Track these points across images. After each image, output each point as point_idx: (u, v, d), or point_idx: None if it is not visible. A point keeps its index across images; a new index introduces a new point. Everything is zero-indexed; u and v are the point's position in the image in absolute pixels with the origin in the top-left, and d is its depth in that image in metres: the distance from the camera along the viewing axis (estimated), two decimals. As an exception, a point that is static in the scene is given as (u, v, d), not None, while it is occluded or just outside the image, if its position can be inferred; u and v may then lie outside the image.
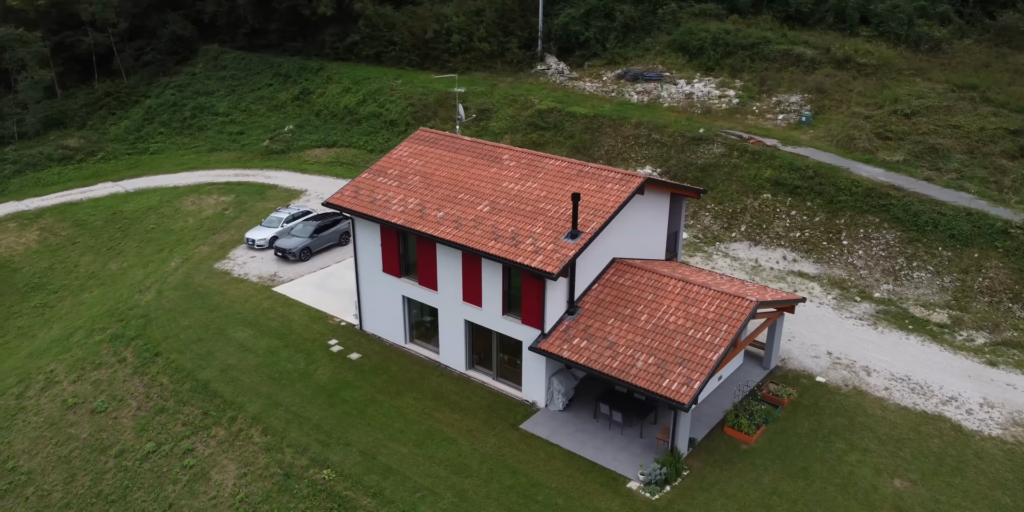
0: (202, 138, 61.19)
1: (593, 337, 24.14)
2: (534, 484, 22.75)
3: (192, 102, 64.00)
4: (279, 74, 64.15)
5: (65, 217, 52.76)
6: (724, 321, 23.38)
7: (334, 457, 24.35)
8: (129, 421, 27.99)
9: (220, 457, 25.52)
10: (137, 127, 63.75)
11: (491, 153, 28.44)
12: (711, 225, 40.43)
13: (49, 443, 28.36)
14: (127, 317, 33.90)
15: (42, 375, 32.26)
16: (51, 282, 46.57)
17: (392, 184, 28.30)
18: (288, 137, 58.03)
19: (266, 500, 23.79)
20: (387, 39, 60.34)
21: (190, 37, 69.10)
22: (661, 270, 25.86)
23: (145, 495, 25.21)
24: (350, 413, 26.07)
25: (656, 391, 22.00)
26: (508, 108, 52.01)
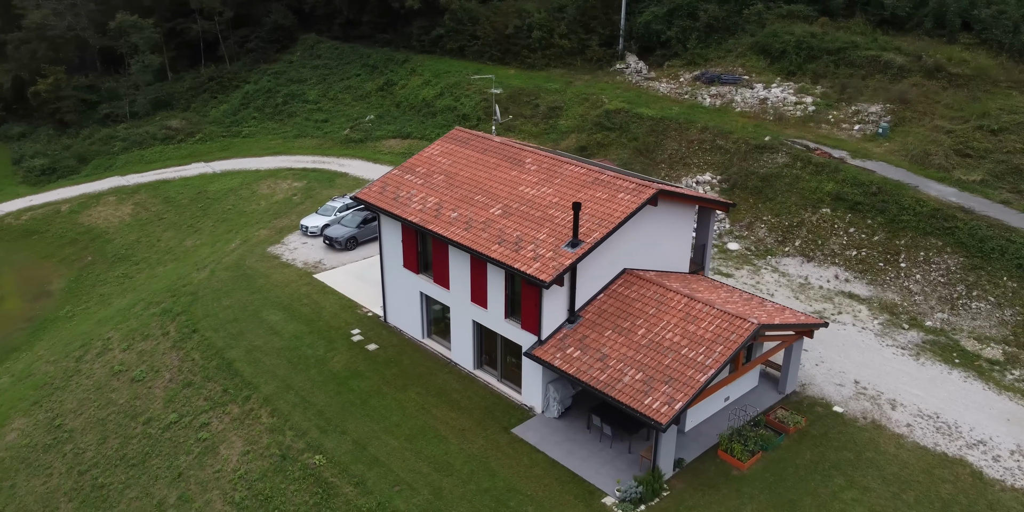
0: (290, 124, 63.89)
1: (587, 348, 23.93)
2: (510, 489, 22.87)
3: (285, 89, 66.87)
4: (367, 65, 66.09)
5: (158, 194, 56.52)
6: (720, 342, 22.66)
7: (328, 444, 25.27)
8: (160, 391, 29.95)
9: (230, 433, 26.96)
10: (234, 111, 67.27)
11: (516, 156, 28.50)
12: (765, 238, 38.97)
13: (92, 405, 30.74)
14: (179, 293, 36.14)
15: (101, 341, 34.91)
16: (135, 254, 50.11)
17: (417, 182, 28.86)
18: (367, 127, 59.78)
19: (262, 478, 24.99)
20: (470, 33, 61.04)
21: (291, 26, 72.10)
22: (669, 284, 25.27)
23: (161, 462, 26.97)
24: (353, 402, 26.93)
25: (636, 408, 21.63)
26: (579, 107, 51.68)
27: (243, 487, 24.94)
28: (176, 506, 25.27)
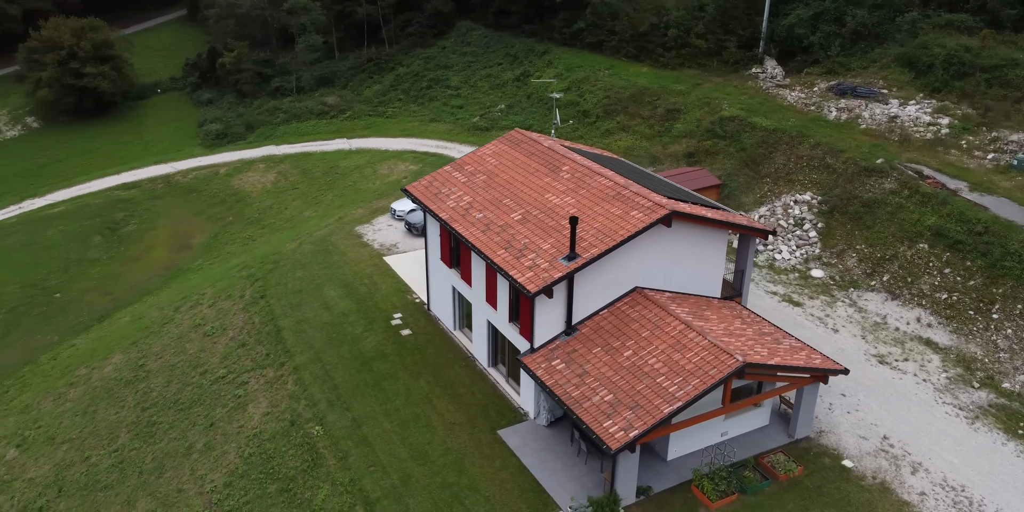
0: (429, 108, 66.81)
1: (573, 362, 23.93)
2: (471, 487, 23.55)
3: (432, 74, 69.86)
4: (510, 54, 67.49)
5: (298, 165, 61.51)
6: (699, 375, 21.86)
7: (331, 417, 27.15)
8: (221, 347, 33.32)
9: (260, 394, 29.62)
10: (384, 92, 71.32)
11: (556, 162, 28.62)
12: (853, 268, 36.25)
13: (170, 351, 34.77)
14: (267, 261, 39.63)
15: (197, 296, 39.17)
16: (265, 219, 55.09)
17: (460, 180, 29.79)
18: (496, 116, 61.29)
19: (271, 439, 27.37)
20: (609, 28, 60.60)
21: (449, 13, 74.93)
22: (673, 308, 24.56)
23: (201, 411, 30.18)
24: (367, 383, 28.62)
25: (594, 429, 21.49)
26: (697, 111, 50.08)
27: (254, 444, 27.46)
28: (200, 451, 28.29)
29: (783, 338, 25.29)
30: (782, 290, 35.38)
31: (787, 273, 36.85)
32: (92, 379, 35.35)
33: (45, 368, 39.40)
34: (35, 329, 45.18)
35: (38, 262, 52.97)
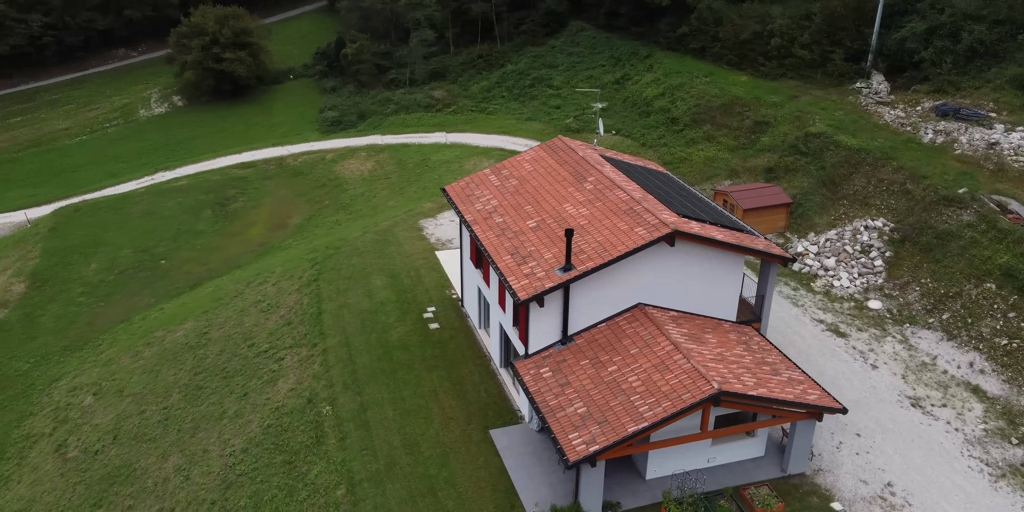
0: (529, 107, 67.78)
1: (559, 371, 24.30)
2: (448, 481, 24.47)
3: (536, 72, 70.78)
4: (613, 56, 67.32)
5: (395, 156, 64.23)
6: (671, 398, 21.72)
7: (342, 399, 28.80)
8: (271, 324, 35.84)
9: (290, 371, 31.76)
10: (489, 88, 72.95)
11: (584, 173, 28.85)
12: (914, 303, 34.20)
13: (230, 323, 37.73)
14: (332, 246, 42.00)
15: (267, 274, 42.13)
16: (355, 205, 58.04)
17: (494, 183, 30.58)
18: (590, 118, 61.43)
19: (288, 414, 29.38)
20: (712, 34, 59.25)
21: (562, 12, 75.48)
22: (669, 328, 24.37)
23: (240, 381, 32.73)
24: (384, 370, 30.08)
25: (559, 439, 21.85)
26: (786, 125, 48.34)
27: (274, 417, 29.57)
28: (230, 418, 30.76)
29: (784, 370, 24.52)
30: (831, 319, 33.92)
31: (842, 301, 35.23)
32: (164, 341, 38.90)
33: (134, 327, 43.61)
34: (137, 291, 49.88)
35: (153, 230, 58.26)
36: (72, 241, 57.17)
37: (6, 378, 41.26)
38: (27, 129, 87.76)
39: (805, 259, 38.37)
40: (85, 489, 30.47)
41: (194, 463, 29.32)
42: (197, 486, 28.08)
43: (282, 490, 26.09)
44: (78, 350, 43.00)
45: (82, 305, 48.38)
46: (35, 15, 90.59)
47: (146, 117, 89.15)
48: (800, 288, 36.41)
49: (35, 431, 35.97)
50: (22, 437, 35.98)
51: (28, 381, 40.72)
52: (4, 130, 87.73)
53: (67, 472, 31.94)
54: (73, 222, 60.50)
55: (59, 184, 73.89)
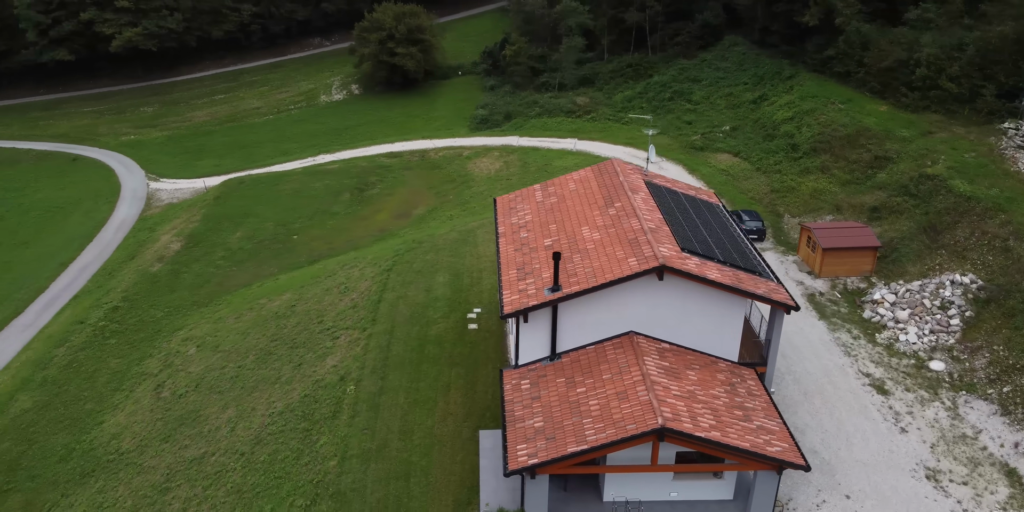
0: (664, 120, 67.59)
1: (536, 385, 25.61)
2: (423, 470, 26.61)
3: (678, 86, 70.35)
4: (757, 74, 65.55)
5: (522, 158, 66.74)
6: (617, 426, 22.46)
7: (365, 382, 31.73)
8: (341, 305, 39.60)
9: (338, 350, 35.21)
10: (630, 98, 73.45)
11: (615, 198, 29.61)
12: (979, 369, 31.80)
13: (313, 300, 42.01)
14: (418, 240, 45.20)
15: (360, 259, 46.17)
16: (471, 202, 61.19)
17: (537, 199, 32.07)
18: (717, 137, 60.57)
19: (322, 388, 32.78)
20: (857, 59, 56.25)
21: (718, 25, 74.20)
22: (648, 359, 24.87)
23: (300, 352, 36.70)
24: (411, 361, 32.67)
25: (508, 448, 23.30)
26: (908, 162, 45.52)
27: (311, 389, 33.12)
28: (281, 384, 34.74)
29: (760, 418, 24.26)
30: (879, 374, 32.29)
31: (901, 357, 33.33)
32: (263, 309, 43.97)
33: (250, 292, 49.34)
34: (266, 260, 56.00)
35: (296, 207, 64.75)
36: (228, 210, 64.92)
37: (143, 323, 48.31)
38: (227, 106, 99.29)
39: (879, 308, 36.43)
40: (162, 426, 35.71)
41: (242, 418, 33.54)
42: (237, 438, 32.21)
43: (293, 453, 29.47)
44: (203, 306, 49.35)
45: (219, 267, 55.16)
46: (246, 5, 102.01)
47: (326, 102, 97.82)
48: (861, 337, 34.76)
49: (147, 370, 42.17)
50: (137, 374, 42.31)
51: (157, 327, 47.46)
52: (209, 106, 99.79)
53: (155, 409, 37.47)
54: (234, 193, 68.55)
55: (240, 157, 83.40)
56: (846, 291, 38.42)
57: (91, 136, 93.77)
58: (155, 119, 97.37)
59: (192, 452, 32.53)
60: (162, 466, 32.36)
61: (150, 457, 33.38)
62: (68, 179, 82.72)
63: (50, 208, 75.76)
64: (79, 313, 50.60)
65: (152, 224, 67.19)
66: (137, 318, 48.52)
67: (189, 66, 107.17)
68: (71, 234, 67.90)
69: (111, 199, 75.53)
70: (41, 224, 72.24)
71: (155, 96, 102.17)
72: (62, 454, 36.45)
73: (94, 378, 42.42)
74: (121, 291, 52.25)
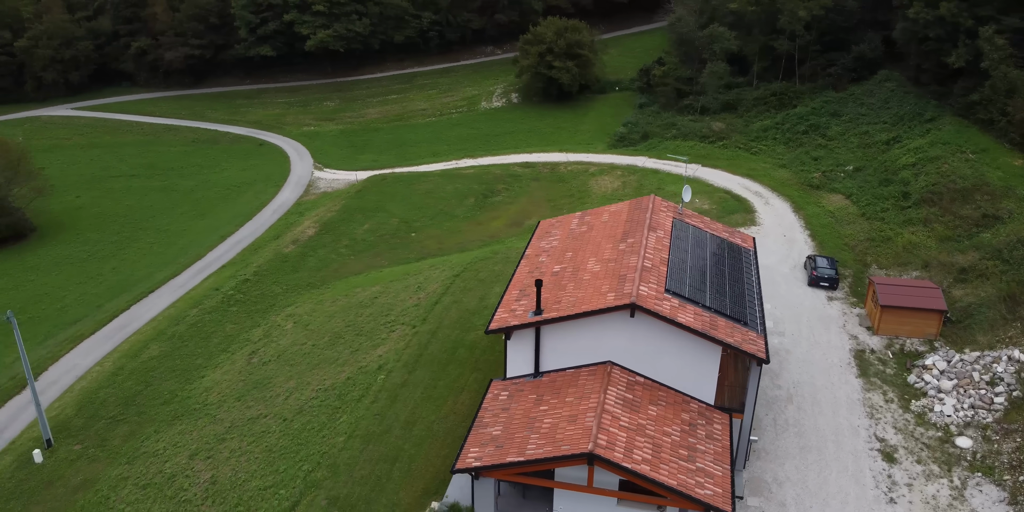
0: (793, 153, 66.26)
1: (511, 398, 28.03)
2: (409, 458, 29.89)
3: (815, 119, 68.48)
4: (897, 114, 62.66)
5: (641, 180, 68.11)
6: (553, 446, 24.48)
7: (396, 373, 35.46)
8: (408, 302, 43.70)
9: (389, 342, 39.28)
10: (766, 128, 72.35)
11: (633, 234, 31.16)
12: (1006, 453, 30.26)
13: (392, 294, 46.47)
14: (497, 250, 48.41)
15: (443, 262, 50.17)
16: (579, 218, 63.45)
17: (571, 226, 34.21)
18: (837, 177, 58.82)
19: (362, 373, 36.95)
20: (1000, 107, 52.52)
21: (874, 59, 71.14)
22: (613, 390, 26.50)
23: (361, 340, 41.16)
24: (441, 361, 36.02)
25: (462, 449, 26.01)
26: (1018, 224, 42.59)
27: (355, 373, 37.40)
28: (336, 365, 39.36)
29: (705, 461, 25.21)
30: (895, 441, 31.48)
31: (929, 428, 32.21)
32: (354, 297, 49.20)
33: (355, 280, 54.94)
34: (382, 254, 61.62)
35: (423, 206, 70.26)
36: (364, 203, 71.63)
37: (263, 296, 55.30)
38: (396, 106, 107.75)
39: (925, 374, 35.06)
40: (240, 387, 41.58)
41: (297, 390, 38.51)
42: (286, 406, 37.17)
43: (318, 426, 33.82)
44: (314, 288, 55.60)
45: (340, 255, 61.51)
46: (427, 13, 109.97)
47: (485, 109, 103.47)
48: (894, 401, 33.78)
49: (251, 338, 48.64)
50: (243, 339, 48.90)
51: (273, 302, 54.18)
52: (382, 104, 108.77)
53: (242, 371, 43.54)
54: (373, 188, 75.34)
55: (396, 155, 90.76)
56: (901, 352, 37.10)
57: (279, 124, 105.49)
58: (334, 113, 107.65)
59: (252, 412, 37.89)
60: (227, 420, 37.97)
61: (223, 411, 39.16)
62: (251, 162, 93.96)
63: (230, 186, 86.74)
64: (218, 281, 58.61)
65: (303, 209, 75.37)
66: (260, 292, 55.55)
67: (372, 66, 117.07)
68: (238, 211, 77.63)
69: (279, 183, 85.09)
70: (219, 200, 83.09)
71: (338, 92, 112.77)
72: (166, 398, 43.30)
73: (209, 338, 49.50)
74: (255, 266, 59.80)
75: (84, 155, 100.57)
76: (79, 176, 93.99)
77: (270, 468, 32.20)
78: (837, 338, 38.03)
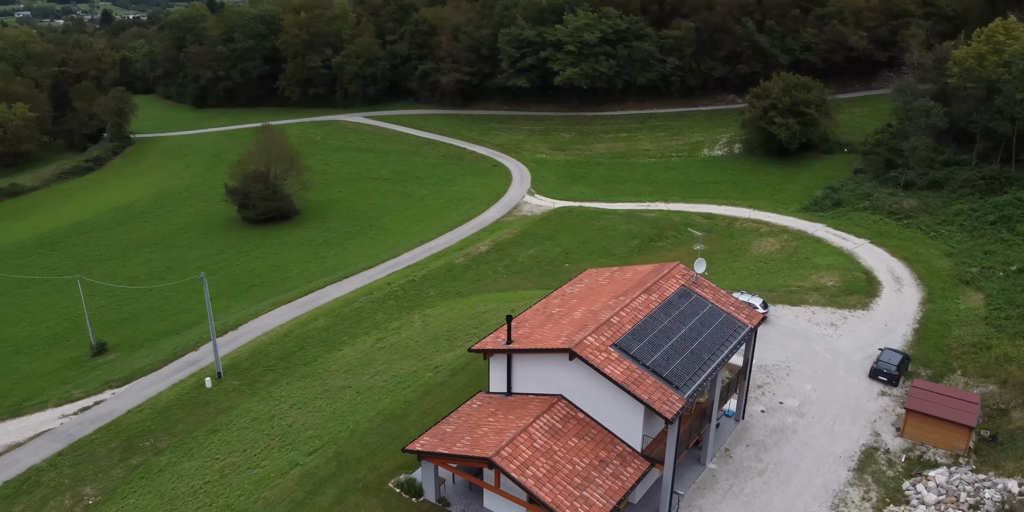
0: (972, 242, 62.52)
1: (481, 407, 34.10)
2: (410, 438, 37.15)
3: (1010, 211, 64.41)
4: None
5: (799, 246, 68.33)
6: (471, 448, 30.43)
7: (440, 373, 42.90)
8: (494, 321, 50.76)
9: (461, 350, 46.78)
10: (957, 212, 68.41)
11: (630, 292, 35.51)
12: (945, 573, 30.13)
13: (489, 313, 53.92)
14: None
15: (558, 293, 56.43)
16: (713, 276, 65.68)
17: (600, 278, 39.09)
18: (996, 275, 55.31)
19: (424, 370, 44.93)
20: None
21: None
22: (547, 417, 31.59)
23: (445, 343, 49.17)
24: (482, 371, 42.75)
25: (420, 436, 32.91)
26: None
27: (420, 368, 45.52)
28: (416, 358, 47.77)
29: (593, 493, 29.38)
30: None
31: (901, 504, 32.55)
32: (475, 308, 57.43)
33: (491, 296, 63.12)
34: (530, 278, 69.05)
35: (589, 241, 76.74)
36: (539, 230, 79.84)
37: (418, 297, 65.64)
38: (623, 144, 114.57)
39: (920, 484, 34.74)
40: (354, 363, 51.68)
41: (380, 373, 47.56)
42: (364, 383, 46.29)
43: (370, 402, 42.49)
44: (460, 297, 64.87)
45: (496, 273, 70.29)
46: (671, 58, 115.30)
47: (705, 156, 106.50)
48: (870, 501, 34.21)
49: (389, 327, 58.95)
50: (383, 328, 59.40)
51: (422, 302, 64.24)
52: (611, 141, 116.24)
53: (363, 352, 53.79)
54: (555, 218, 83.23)
55: (603, 190, 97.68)
56: (918, 459, 36.57)
57: (517, 149, 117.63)
58: (566, 144, 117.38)
59: (343, 383, 47.68)
60: (328, 385, 48.09)
61: (330, 378, 49.45)
62: (480, 180, 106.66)
63: (454, 199, 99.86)
64: (393, 278, 70.31)
65: (495, 228, 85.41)
66: (417, 292, 66.11)
67: (614, 104, 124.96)
68: (446, 222, 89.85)
69: (491, 202, 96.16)
70: (440, 210, 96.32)
71: (576, 125, 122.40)
72: (307, 360, 54.89)
73: (362, 322, 60.71)
74: (426, 271, 70.67)
75: (359, 157, 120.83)
76: (348, 174, 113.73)
77: (322, 424, 41.50)
78: (857, 431, 38.30)
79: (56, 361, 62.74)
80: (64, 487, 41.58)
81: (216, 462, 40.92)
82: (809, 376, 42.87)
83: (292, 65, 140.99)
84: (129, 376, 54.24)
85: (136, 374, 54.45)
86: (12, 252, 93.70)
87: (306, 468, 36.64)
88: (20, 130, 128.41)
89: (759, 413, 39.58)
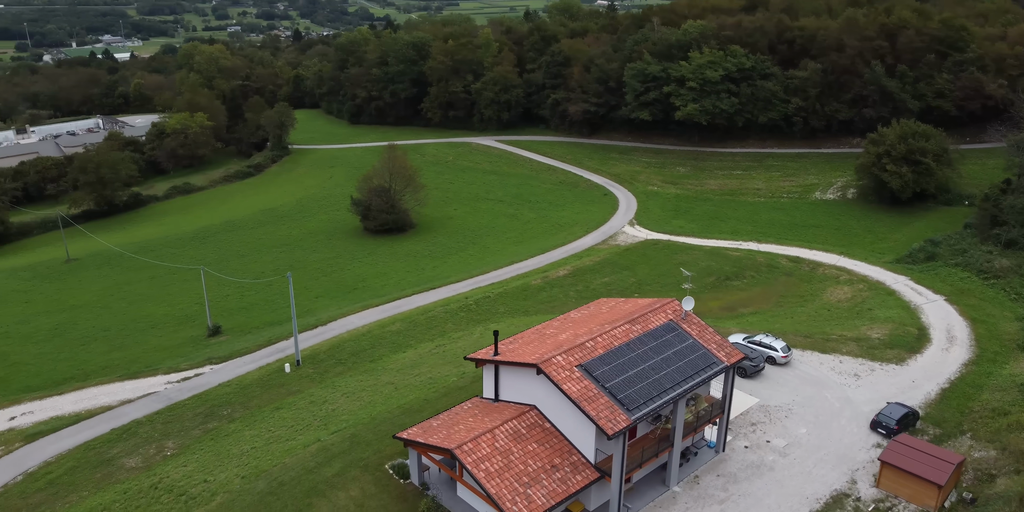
0: (1051, 309, 60.12)
1: (468, 409, 38.96)
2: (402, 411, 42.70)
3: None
4: None
5: (871, 297, 67.98)
6: (443, 440, 35.41)
7: (464, 379, 48.03)
8: (536, 339, 55.29)
9: (491, 361, 51.83)
10: (1051, 276, 65.31)
11: (617, 322, 39.21)
12: None
13: (541, 331, 58.50)
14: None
15: (605, 319, 60.18)
16: (775, 320, 66.70)
17: (603, 307, 42.93)
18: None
19: (454, 376, 50.28)
20: None
21: None
22: (513, 422, 35.97)
23: (485, 355, 54.36)
24: (499, 382, 47.61)
25: (410, 428, 38.28)
26: None
27: (451, 372, 50.93)
28: (454, 365, 53.24)
29: (537, 493, 33.42)
30: None
31: (826, 572, 34.30)
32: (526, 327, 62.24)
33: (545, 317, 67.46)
34: (599, 302, 72.79)
35: (665, 275, 79.24)
36: (620, 260, 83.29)
37: (488, 312, 70.94)
38: (736, 181, 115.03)
39: (877, 534, 35.96)
40: (407, 364, 57.86)
41: (422, 374, 53.35)
42: (406, 381, 52.22)
43: (401, 397, 48.28)
44: (523, 316, 69.63)
45: (565, 297, 74.48)
46: (795, 99, 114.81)
47: (815, 199, 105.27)
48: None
49: (451, 337, 64.74)
50: (446, 337, 65.07)
51: (489, 317, 69.39)
52: (724, 177, 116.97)
53: (419, 355, 59.85)
54: (639, 250, 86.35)
55: (702, 226, 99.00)
56: (887, 511, 37.62)
57: (631, 180, 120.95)
58: (679, 178, 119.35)
59: (391, 379, 53.86)
60: (379, 380, 54.42)
61: (385, 375, 55.79)
62: (588, 207, 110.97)
63: (557, 224, 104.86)
64: (473, 293, 76.28)
65: (583, 254, 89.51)
66: (488, 308, 71.69)
67: (735, 141, 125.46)
68: (543, 245, 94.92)
69: (591, 229, 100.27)
70: (541, 233, 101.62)
71: (693, 160, 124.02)
72: (374, 358, 61.77)
73: (430, 330, 66.83)
74: (503, 290, 76.15)
75: (482, 178, 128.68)
76: (468, 194, 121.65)
77: (355, 411, 47.83)
78: (835, 477, 39.61)
79: (179, 337, 73.54)
80: (153, 439, 50.25)
81: (268, 433, 48.16)
82: (809, 420, 44.25)
83: (436, 89, 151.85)
84: (228, 355, 63.35)
85: (234, 355, 63.47)
86: (172, 242, 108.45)
87: (324, 444, 42.93)
88: (198, 136, 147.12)
89: (742, 448, 41.68)
